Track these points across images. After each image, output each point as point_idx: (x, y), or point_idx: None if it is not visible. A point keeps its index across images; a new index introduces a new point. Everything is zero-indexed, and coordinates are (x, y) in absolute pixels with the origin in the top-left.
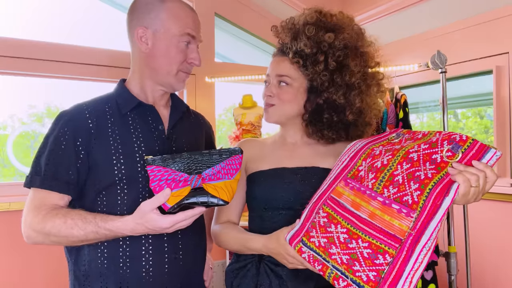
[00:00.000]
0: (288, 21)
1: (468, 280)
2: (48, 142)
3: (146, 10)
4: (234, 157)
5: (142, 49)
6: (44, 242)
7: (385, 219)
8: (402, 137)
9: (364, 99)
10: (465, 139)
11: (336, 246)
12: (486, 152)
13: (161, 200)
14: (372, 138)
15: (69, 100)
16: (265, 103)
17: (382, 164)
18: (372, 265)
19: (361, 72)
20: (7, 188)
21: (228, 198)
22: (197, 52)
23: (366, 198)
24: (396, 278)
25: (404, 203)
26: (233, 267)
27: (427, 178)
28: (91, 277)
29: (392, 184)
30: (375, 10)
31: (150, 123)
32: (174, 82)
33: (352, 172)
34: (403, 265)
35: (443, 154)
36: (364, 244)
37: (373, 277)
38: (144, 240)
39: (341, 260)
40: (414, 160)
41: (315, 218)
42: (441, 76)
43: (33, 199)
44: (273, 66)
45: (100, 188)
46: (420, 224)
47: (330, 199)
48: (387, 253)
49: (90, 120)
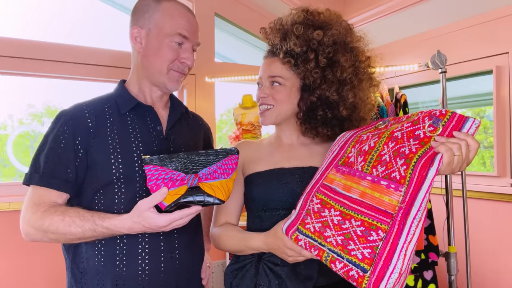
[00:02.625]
0: (276, 22)
1: (468, 280)
2: (47, 140)
3: (142, 11)
4: (231, 157)
5: (137, 48)
6: (42, 239)
7: (375, 196)
8: (388, 123)
9: (357, 94)
10: (444, 113)
11: (330, 229)
12: (465, 122)
13: (158, 198)
14: (360, 128)
15: (68, 100)
16: (260, 105)
17: (369, 146)
18: (366, 242)
19: (352, 67)
20: (7, 188)
21: (224, 197)
22: (190, 52)
23: (356, 180)
24: (390, 252)
25: (392, 179)
26: (232, 267)
27: (412, 153)
28: (88, 274)
29: (380, 164)
30: (375, 10)
31: (148, 124)
32: (167, 81)
33: (342, 159)
34: (396, 238)
35: (426, 129)
36: (357, 223)
37: (368, 254)
38: (140, 239)
39: (336, 242)
40: (399, 138)
41: (309, 206)
42: (441, 76)
43: (32, 197)
44: (264, 68)
45: (98, 187)
46: (409, 197)
47: (322, 186)
48: (380, 228)
49: (89, 120)
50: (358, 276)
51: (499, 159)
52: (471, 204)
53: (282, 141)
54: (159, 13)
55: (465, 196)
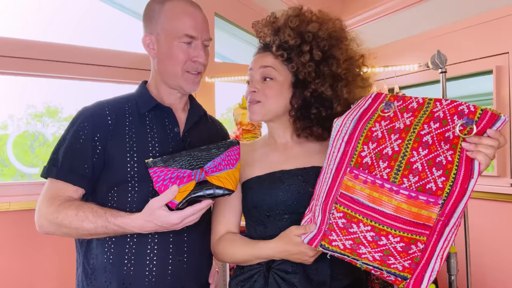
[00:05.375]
0: (269, 16)
1: (468, 280)
2: (67, 135)
3: (149, 17)
4: (232, 148)
5: (151, 55)
6: (55, 233)
7: (413, 211)
8: (394, 107)
9: (351, 91)
10: (474, 110)
11: (365, 246)
12: (497, 120)
13: (169, 196)
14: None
15: (68, 100)
16: (249, 100)
17: (393, 150)
18: (406, 256)
19: (347, 62)
20: (7, 188)
21: (233, 186)
22: (201, 49)
23: (386, 192)
24: (428, 259)
25: (427, 191)
26: (238, 279)
27: (449, 162)
28: (97, 271)
29: (411, 173)
30: (375, 10)
31: (166, 125)
32: (183, 83)
33: (354, 159)
34: (434, 246)
35: (456, 130)
36: (395, 239)
37: (408, 264)
38: (150, 239)
39: (373, 258)
40: (430, 144)
41: (330, 219)
42: (441, 76)
43: (49, 189)
44: (255, 62)
45: (113, 184)
46: (448, 209)
47: (341, 196)
48: (419, 241)
49: (109, 117)
50: (396, 280)
51: (499, 159)
52: (471, 204)
53: (276, 141)
54: (163, 16)
55: None
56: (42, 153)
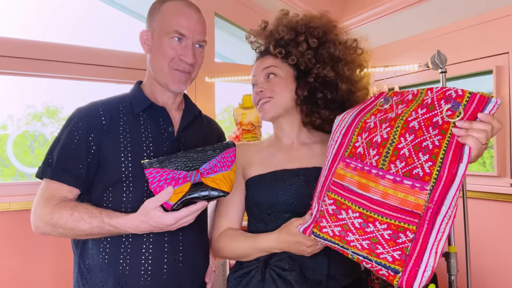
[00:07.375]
0: (259, 25)
1: (468, 280)
2: (62, 135)
3: (149, 14)
4: (228, 150)
5: (145, 50)
6: (51, 233)
7: (399, 197)
8: (392, 101)
9: (352, 68)
10: (461, 94)
11: (353, 233)
12: (488, 103)
13: (164, 197)
14: (359, 108)
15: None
16: (259, 100)
17: (382, 138)
18: (395, 245)
19: (342, 45)
20: (7, 188)
21: (228, 188)
22: (189, 49)
23: (373, 178)
24: (421, 252)
25: (414, 176)
26: (236, 274)
27: (436, 147)
28: (93, 271)
29: (398, 159)
30: (376, 10)
31: (160, 124)
32: (169, 80)
33: (348, 150)
34: (426, 237)
35: (443, 114)
36: (382, 226)
37: (398, 256)
38: (145, 239)
39: (361, 246)
40: (416, 129)
41: (322, 206)
42: (441, 76)
43: (44, 190)
44: (257, 66)
45: (107, 184)
46: (437, 196)
47: (333, 184)
48: (408, 230)
49: (103, 118)
50: (389, 275)
51: (499, 159)
52: (471, 204)
53: (281, 142)
54: (160, 13)
55: (465, 196)
56: (42, 153)
